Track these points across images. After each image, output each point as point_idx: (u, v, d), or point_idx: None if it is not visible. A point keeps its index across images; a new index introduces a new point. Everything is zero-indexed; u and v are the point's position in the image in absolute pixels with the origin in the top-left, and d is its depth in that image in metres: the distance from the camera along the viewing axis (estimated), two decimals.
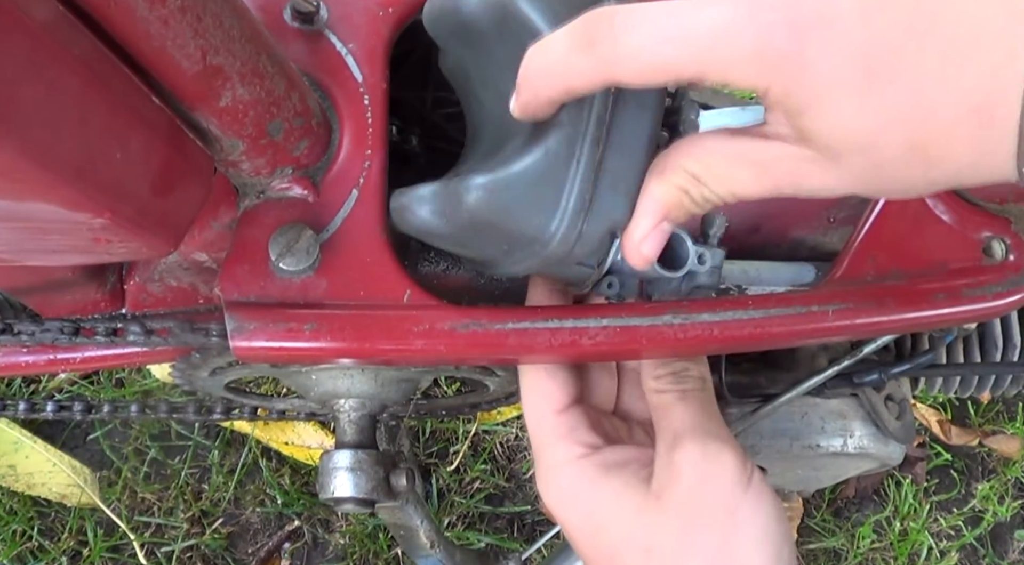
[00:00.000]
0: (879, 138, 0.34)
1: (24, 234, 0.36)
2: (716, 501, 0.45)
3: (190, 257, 0.49)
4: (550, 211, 0.40)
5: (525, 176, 0.40)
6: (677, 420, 0.47)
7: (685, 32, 0.34)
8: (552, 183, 0.40)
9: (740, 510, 0.45)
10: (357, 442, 0.56)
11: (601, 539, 0.47)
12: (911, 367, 0.60)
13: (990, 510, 1.22)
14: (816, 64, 0.34)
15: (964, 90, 0.33)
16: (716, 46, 0.34)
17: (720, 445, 0.46)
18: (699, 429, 0.47)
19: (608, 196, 0.40)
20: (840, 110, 0.34)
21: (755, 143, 0.37)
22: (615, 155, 0.40)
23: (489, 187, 0.40)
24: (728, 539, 0.44)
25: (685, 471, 0.45)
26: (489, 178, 0.40)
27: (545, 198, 0.40)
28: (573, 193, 0.40)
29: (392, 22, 0.48)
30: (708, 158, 0.38)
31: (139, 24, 0.32)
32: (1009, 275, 0.51)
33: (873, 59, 0.34)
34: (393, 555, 1.13)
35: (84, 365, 0.54)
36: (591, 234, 0.41)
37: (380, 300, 0.45)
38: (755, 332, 0.47)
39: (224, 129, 0.39)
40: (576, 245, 0.41)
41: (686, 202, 0.39)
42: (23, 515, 1.11)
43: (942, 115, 0.33)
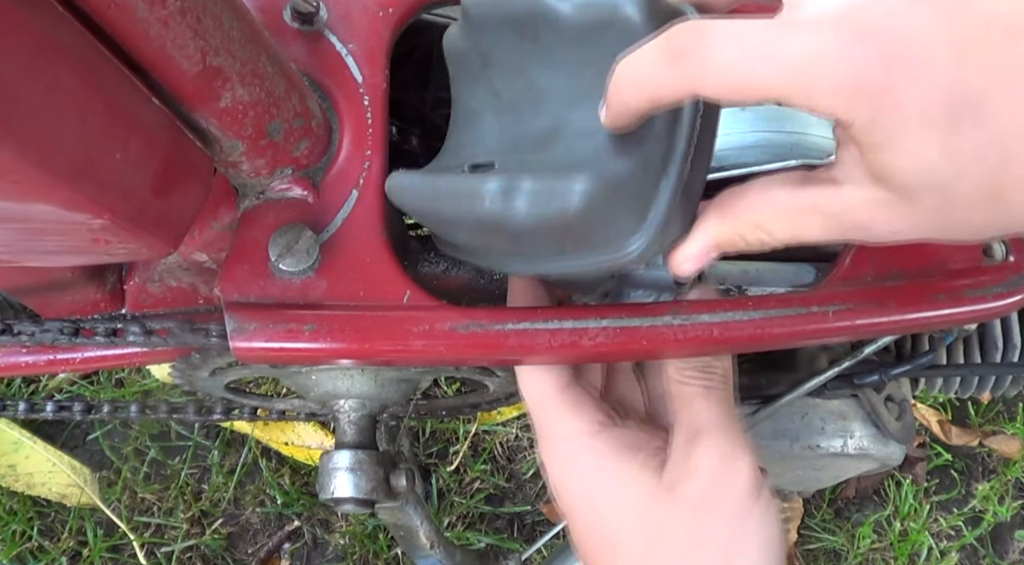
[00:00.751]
0: (957, 181, 0.34)
1: (24, 235, 0.36)
2: (729, 504, 0.45)
3: (190, 258, 0.49)
4: (637, 223, 0.39)
5: (626, 183, 0.38)
6: (699, 414, 0.47)
7: (777, 53, 0.34)
8: (643, 195, 0.39)
9: (750, 518, 0.45)
10: (357, 442, 0.56)
11: (601, 522, 0.47)
12: (911, 368, 0.60)
13: (990, 510, 1.22)
14: (905, 101, 0.33)
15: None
16: (807, 72, 0.33)
17: (739, 449, 0.46)
18: (720, 428, 0.46)
19: (680, 214, 0.40)
20: (922, 148, 0.34)
21: (825, 191, 0.37)
22: (693, 173, 0.39)
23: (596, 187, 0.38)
24: (734, 545, 0.44)
25: (703, 468, 0.45)
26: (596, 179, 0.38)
27: (636, 209, 0.39)
28: (660, 209, 0.39)
29: (392, 22, 0.48)
30: (776, 210, 0.38)
31: (139, 25, 0.32)
32: (1009, 276, 0.51)
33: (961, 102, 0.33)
34: (393, 555, 1.13)
35: (84, 365, 0.54)
36: (660, 250, 0.40)
37: (380, 301, 0.45)
38: (755, 333, 0.47)
39: (224, 130, 0.39)
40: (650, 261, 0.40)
41: (740, 243, 0.39)
42: (23, 515, 1.11)
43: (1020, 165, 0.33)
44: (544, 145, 0.41)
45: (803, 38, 0.34)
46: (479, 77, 0.44)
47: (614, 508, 0.46)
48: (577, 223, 0.39)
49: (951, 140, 0.33)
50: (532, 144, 0.42)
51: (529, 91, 0.42)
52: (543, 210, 0.38)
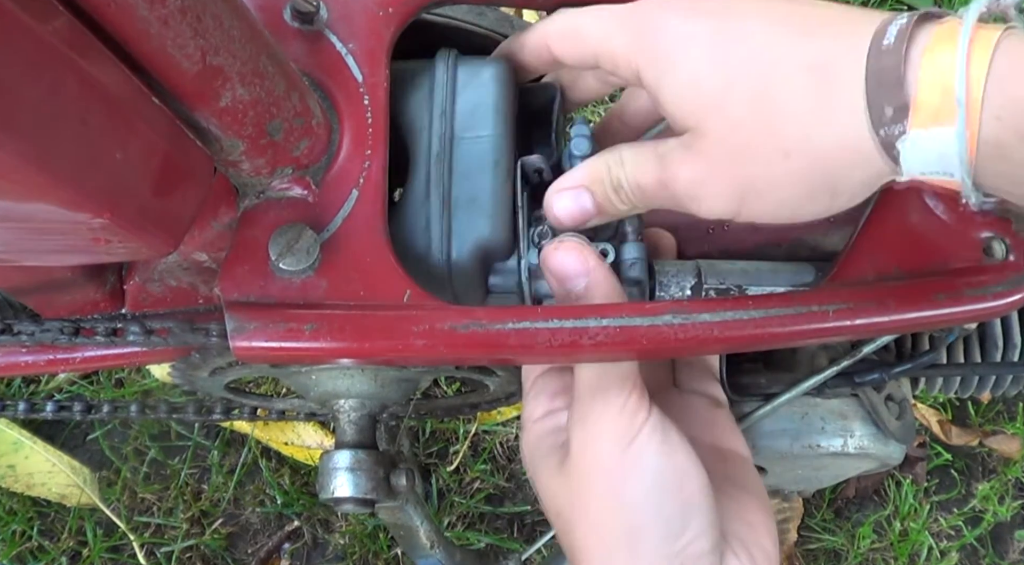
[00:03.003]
0: (727, 94, 0.39)
1: (24, 234, 0.36)
2: (594, 467, 0.47)
3: (190, 257, 0.49)
4: (423, 243, 0.47)
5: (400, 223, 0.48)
6: (577, 383, 0.49)
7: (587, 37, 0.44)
8: (418, 222, 0.48)
9: (615, 474, 0.46)
10: (357, 442, 0.56)
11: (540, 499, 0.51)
12: (912, 367, 0.60)
13: (990, 510, 1.22)
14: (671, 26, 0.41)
15: (805, 51, 0.37)
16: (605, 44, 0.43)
17: (601, 408, 0.47)
18: (587, 393, 0.48)
19: (465, 217, 0.47)
20: (690, 65, 0.40)
21: (661, 139, 0.44)
22: (462, 182, 0.48)
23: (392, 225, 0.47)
24: (610, 499, 0.46)
25: (572, 440, 0.48)
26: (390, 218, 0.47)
27: (418, 230, 0.48)
28: (432, 224, 0.47)
29: (392, 22, 0.48)
30: (632, 149, 0.45)
31: (139, 24, 0.32)
32: (1010, 275, 0.51)
33: (725, 20, 0.40)
34: (393, 555, 1.13)
35: (84, 365, 0.54)
36: (461, 254, 0.47)
37: (380, 300, 0.45)
38: (755, 332, 0.47)
39: (224, 129, 0.39)
40: (452, 267, 0.48)
41: (605, 180, 0.45)
42: (23, 515, 1.11)
43: (783, 68, 0.38)
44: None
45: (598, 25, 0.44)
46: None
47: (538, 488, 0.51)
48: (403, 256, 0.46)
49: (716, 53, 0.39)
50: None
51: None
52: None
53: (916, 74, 0.34)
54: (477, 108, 0.48)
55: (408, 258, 0.47)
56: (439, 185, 0.47)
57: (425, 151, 0.48)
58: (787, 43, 0.38)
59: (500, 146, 0.48)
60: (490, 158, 0.48)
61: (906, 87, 0.34)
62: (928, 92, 0.34)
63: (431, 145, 0.48)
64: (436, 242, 0.47)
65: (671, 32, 0.41)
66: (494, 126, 0.48)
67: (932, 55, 0.34)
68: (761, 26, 0.39)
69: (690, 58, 0.40)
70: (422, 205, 0.48)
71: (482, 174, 0.48)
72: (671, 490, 0.46)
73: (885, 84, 0.35)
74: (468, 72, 0.49)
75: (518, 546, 1.13)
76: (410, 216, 0.48)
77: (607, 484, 0.46)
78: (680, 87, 0.41)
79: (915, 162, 0.35)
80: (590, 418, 0.47)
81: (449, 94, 0.48)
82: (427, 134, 0.48)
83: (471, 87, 0.48)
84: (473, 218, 0.47)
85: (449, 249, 0.47)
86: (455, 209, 0.47)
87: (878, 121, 0.35)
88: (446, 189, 0.47)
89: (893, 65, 0.35)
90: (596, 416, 0.47)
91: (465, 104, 0.48)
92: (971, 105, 0.33)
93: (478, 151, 0.48)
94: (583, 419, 0.47)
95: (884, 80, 0.35)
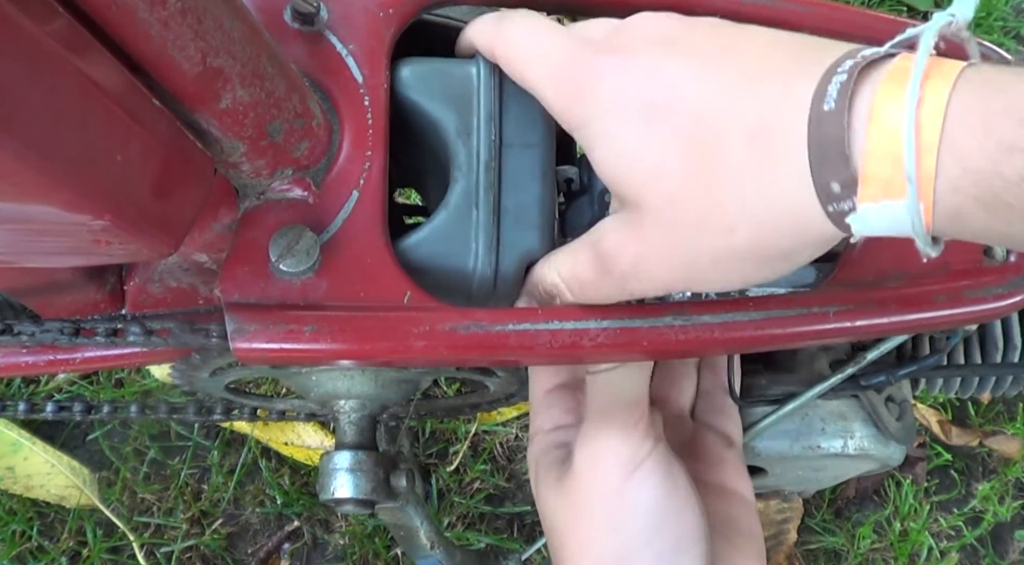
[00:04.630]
0: (662, 166, 0.37)
1: (23, 236, 0.36)
2: (595, 490, 0.47)
3: (190, 258, 0.49)
4: (464, 255, 0.46)
5: (438, 233, 0.46)
6: (588, 401, 0.49)
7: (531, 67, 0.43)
8: (461, 232, 0.46)
9: (615, 499, 0.46)
10: (357, 443, 0.56)
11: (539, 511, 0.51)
12: (917, 369, 0.60)
13: (990, 510, 1.22)
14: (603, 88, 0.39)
15: (743, 114, 0.34)
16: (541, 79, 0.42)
17: (608, 431, 0.47)
18: (598, 413, 0.48)
19: (515, 230, 0.46)
20: (622, 136, 0.38)
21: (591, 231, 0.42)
22: (512, 194, 0.46)
23: (412, 248, 0.46)
24: (605, 524, 0.46)
25: (576, 459, 0.48)
26: (411, 241, 0.46)
27: (458, 245, 0.46)
28: (480, 235, 0.46)
29: (393, 23, 0.48)
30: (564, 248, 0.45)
31: (139, 26, 0.32)
32: (1010, 276, 0.51)
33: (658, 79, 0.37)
34: (393, 555, 1.13)
35: (84, 366, 0.53)
36: (508, 267, 0.46)
37: (380, 301, 0.45)
38: (756, 334, 0.47)
39: (224, 131, 0.39)
40: (497, 280, 0.46)
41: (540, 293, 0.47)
42: (22, 516, 1.11)
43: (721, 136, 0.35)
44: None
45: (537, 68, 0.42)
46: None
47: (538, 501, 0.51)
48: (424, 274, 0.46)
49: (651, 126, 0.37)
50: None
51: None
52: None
53: (862, 144, 0.31)
54: (526, 115, 0.47)
55: (445, 267, 0.46)
56: (488, 194, 0.46)
57: (472, 157, 0.46)
58: (724, 104, 0.35)
59: (549, 156, 0.47)
60: (539, 168, 0.47)
61: (852, 159, 0.31)
62: (876, 164, 0.31)
63: (479, 153, 0.46)
64: (483, 252, 0.45)
65: (603, 95, 0.39)
66: (544, 135, 0.47)
67: (878, 120, 0.31)
68: (695, 84, 0.36)
69: (621, 128, 0.38)
70: (466, 213, 0.46)
71: (531, 185, 0.46)
72: (667, 525, 0.46)
73: (829, 158, 0.32)
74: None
75: (518, 546, 1.13)
76: (451, 224, 0.46)
77: (604, 509, 0.46)
78: (614, 157, 0.39)
79: (867, 228, 0.32)
80: (597, 440, 0.47)
81: (496, 99, 0.47)
82: (474, 140, 0.46)
83: (519, 93, 0.45)
84: (522, 230, 0.46)
85: (497, 260, 0.46)
86: (504, 219, 0.46)
87: (825, 197, 0.32)
88: (495, 199, 0.46)
89: (836, 136, 0.31)
90: (603, 439, 0.47)
91: (514, 110, 0.47)
92: (923, 179, 0.30)
93: (527, 160, 0.46)
94: (590, 440, 0.48)
95: (828, 153, 0.32)
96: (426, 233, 0.46)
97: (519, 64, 0.43)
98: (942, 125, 0.29)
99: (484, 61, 0.47)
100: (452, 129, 0.46)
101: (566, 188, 0.51)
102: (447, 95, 0.47)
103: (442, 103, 0.47)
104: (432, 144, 0.48)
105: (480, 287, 0.46)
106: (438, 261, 0.46)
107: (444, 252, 0.46)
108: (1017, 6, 1.45)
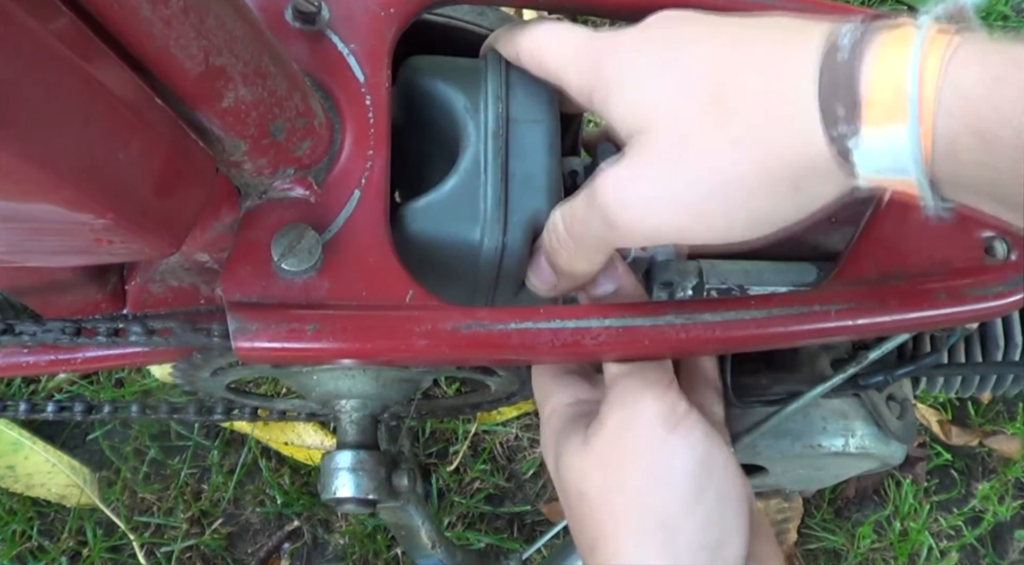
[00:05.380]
0: (677, 95, 0.38)
1: (26, 235, 0.36)
2: (636, 445, 0.45)
3: (192, 257, 0.49)
4: (472, 220, 0.46)
5: (446, 196, 0.46)
6: (610, 369, 0.48)
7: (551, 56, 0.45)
8: (470, 196, 0.46)
9: (663, 449, 0.45)
10: (358, 443, 0.56)
11: (560, 485, 0.50)
12: (916, 368, 0.60)
13: (990, 510, 1.22)
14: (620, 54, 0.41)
15: (755, 54, 0.37)
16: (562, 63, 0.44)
17: (643, 388, 0.46)
18: (628, 374, 0.47)
19: (521, 193, 0.47)
20: (640, 77, 0.40)
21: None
22: (518, 160, 0.47)
23: (421, 211, 0.46)
24: (652, 476, 0.45)
25: (609, 416, 0.47)
26: (420, 204, 0.46)
27: (466, 210, 0.46)
28: (488, 197, 0.46)
29: (394, 22, 0.48)
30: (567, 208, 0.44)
31: (142, 25, 0.32)
32: (1011, 275, 0.51)
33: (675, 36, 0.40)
34: (393, 555, 1.13)
35: (85, 365, 0.53)
36: (515, 230, 0.46)
37: (382, 301, 0.45)
38: (757, 332, 0.47)
39: (226, 130, 0.39)
40: (506, 242, 0.46)
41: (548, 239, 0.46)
42: (23, 515, 1.10)
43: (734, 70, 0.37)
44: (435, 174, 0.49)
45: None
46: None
47: (561, 471, 0.49)
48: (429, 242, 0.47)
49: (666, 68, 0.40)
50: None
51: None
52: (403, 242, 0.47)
53: (869, 72, 0.33)
54: (533, 95, 0.48)
55: (453, 235, 0.46)
56: (496, 159, 0.47)
57: (480, 130, 0.47)
58: (738, 50, 0.38)
59: (555, 132, 0.48)
60: (546, 142, 0.48)
61: (859, 85, 0.33)
62: (880, 89, 0.33)
63: (487, 124, 0.47)
64: (491, 215, 0.46)
65: (621, 58, 0.41)
66: (550, 115, 0.48)
67: (885, 53, 0.33)
68: (711, 39, 0.39)
69: (640, 71, 0.40)
70: (475, 177, 0.47)
71: (538, 155, 0.47)
72: (713, 481, 0.45)
73: (837, 83, 0.34)
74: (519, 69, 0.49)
75: (518, 546, 1.13)
76: (459, 188, 0.47)
77: (650, 461, 0.45)
78: (630, 95, 0.40)
79: (869, 162, 0.34)
80: (631, 399, 0.46)
81: (504, 82, 0.48)
82: (482, 115, 0.47)
83: (526, 79, 0.48)
84: (529, 193, 0.47)
85: (505, 223, 0.46)
86: (511, 184, 0.47)
87: (830, 120, 0.34)
88: (503, 164, 0.47)
89: (846, 63, 0.34)
90: (639, 397, 0.46)
91: (521, 91, 0.48)
92: (924, 102, 0.32)
93: (534, 134, 0.48)
94: (622, 401, 0.46)
95: (836, 79, 0.34)
96: (435, 197, 0.46)
97: (541, 54, 0.45)
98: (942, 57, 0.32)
99: (492, 56, 0.49)
100: (461, 106, 0.48)
101: (570, 182, 0.51)
102: (456, 77, 0.48)
103: (451, 84, 0.48)
104: (441, 126, 0.48)
105: (487, 252, 0.47)
106: (446, 226, 0.46)
107: (452, 217, 0.46)
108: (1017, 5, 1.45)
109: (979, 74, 0.31)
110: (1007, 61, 0.31)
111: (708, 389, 0.55)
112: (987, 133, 0.31)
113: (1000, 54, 0.31)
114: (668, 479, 0.44)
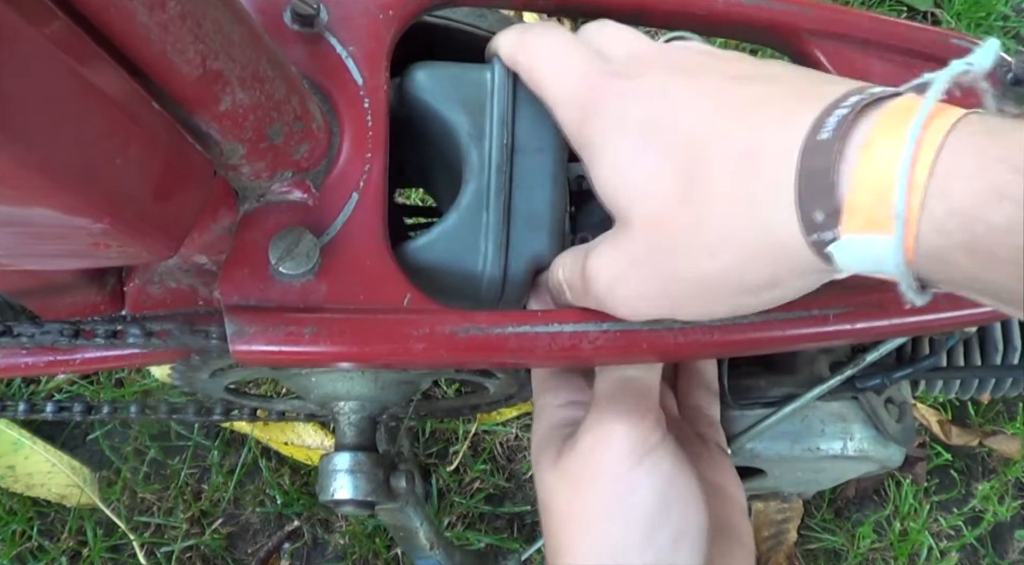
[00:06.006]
0: (652, 183, 0.37)
1: (23, 239, 0.36)
2: (601, 474, 0.46)
3: (190, 260, 0.49)
4: (473, 257, 0.46)
5: (448, 234, 0.46)
6: (598, 386, 0.49)
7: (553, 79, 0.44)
8: (472, 234, 0.46)
9: (620, 485, 0.45)
10: (357, 444, 0.56)
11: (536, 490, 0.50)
12: (914, 371, 0.60)
13: (990, 510, 1.22)
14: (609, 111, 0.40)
15: (736, 136, 0.35)
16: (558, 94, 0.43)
17: (620, 414, 0.47)
18: (603, 399, 0.48)
19: (525, 233, 0.46)
20: (619, 154, 0.39)
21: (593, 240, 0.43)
22: (522, 196, 0.46)
23: (423, 249, 0.46)
24: (608, 508, 0.45)
25: (582, 438, 0.47)
26: (421, 242, 0.46)
27: (468, 247, 0.46)
28: (490, 237, 0.46)
29: (393, 25, 0.48)
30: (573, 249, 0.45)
31: (139, 29, 0.32)
32: None
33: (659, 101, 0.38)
34: (393, 555, 1.13)
35: (84, 367, 0.53)
36: (517, 269, 0.46)
37: (380, 304, 0.45)
38: (755, 336, 0.47)
39: (224, 133, 0.39)
40: (506, 283, 0.46)
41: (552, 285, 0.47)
42: (23, 515, 1.11)
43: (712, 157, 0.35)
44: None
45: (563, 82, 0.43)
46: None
47: (536, 479, 0.50)
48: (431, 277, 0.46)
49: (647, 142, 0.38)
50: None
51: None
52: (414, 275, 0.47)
53: (851, 172, 0.30)
54: (539, 119, 0.46)
55: (454, 269, 0.46)
56: (499, 197, 0.46)
57: (484, 160, 0.46)
58: (719, 126, 0.36)
59: (560, 160, 0.47)
60: (550, 173, 0.47)
61: (839, 189, 0.31)
62: (862, 193, 0.30)
63: (491, 155, 0.46)
64: (492, 254, 0.46)
65: (608, 116, 0.40)
66: (556, 139, 0.47)
67: (870, 151, 0.30)
68: (695, 104, 0.37)
69: (620, 146, 0.39)
70: (477, 215, 0.46)
71: (542, 189, 0.47)
72: (671, 517, 0.45)
73: (816, 186, 0.31)
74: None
75: (518, 546, 1.14)
76: (461, 226, 0.46)
77: (610, 493, 0.45)
78: (609, 173, 0.40)
79: (849, 263, 0.32)
80: (606, 425, 0.47)
81: (510, 103, 0.47)
82: (487, 142, 0.46)
83: (533, 97, 0.46)
84: (532, 233, 0.46)
85: (506, 263, 0.46)
86: (514, 222, 0.46)
87: (809, 225, 0.32)
88: (506, 201, 0.46)
89: (825, 165, 0.31)
90: (613, 424, 0.47)
91: (526, 114, 0.47)
92: (911, 213, 0.29)
93: (539, 164, 0.47)
94: (598, 424, 0.47)
95: (815, 182, 0.31)
96: (436, 234, 0.46)
97: (539, 78, 0.44)
98: (932, 162, 0.28)
99: (500, 66, 0.47)
100: (464, 132, 0.46)
101: (577, 186, 0.50)
102: (460, 98, 0.47)
103: (455, 106, 0.47)
104: (444, 146, 0.48)
105: (489, 290, 0.47)
106: (448, 263, 0.46)
107: (454, 253, 0.46)
108: (1017, 6, 1.45)
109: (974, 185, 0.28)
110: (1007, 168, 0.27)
111: (705, 392, 0.55)
112: (979, 250, 0.28)
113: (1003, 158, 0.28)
114: (624, 514, 0.45)
